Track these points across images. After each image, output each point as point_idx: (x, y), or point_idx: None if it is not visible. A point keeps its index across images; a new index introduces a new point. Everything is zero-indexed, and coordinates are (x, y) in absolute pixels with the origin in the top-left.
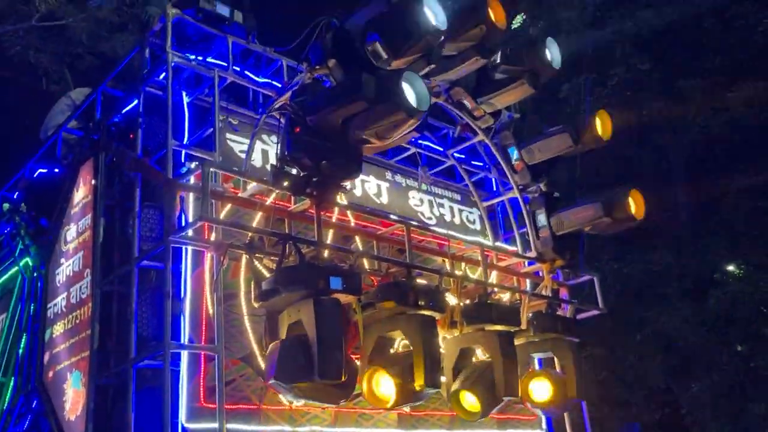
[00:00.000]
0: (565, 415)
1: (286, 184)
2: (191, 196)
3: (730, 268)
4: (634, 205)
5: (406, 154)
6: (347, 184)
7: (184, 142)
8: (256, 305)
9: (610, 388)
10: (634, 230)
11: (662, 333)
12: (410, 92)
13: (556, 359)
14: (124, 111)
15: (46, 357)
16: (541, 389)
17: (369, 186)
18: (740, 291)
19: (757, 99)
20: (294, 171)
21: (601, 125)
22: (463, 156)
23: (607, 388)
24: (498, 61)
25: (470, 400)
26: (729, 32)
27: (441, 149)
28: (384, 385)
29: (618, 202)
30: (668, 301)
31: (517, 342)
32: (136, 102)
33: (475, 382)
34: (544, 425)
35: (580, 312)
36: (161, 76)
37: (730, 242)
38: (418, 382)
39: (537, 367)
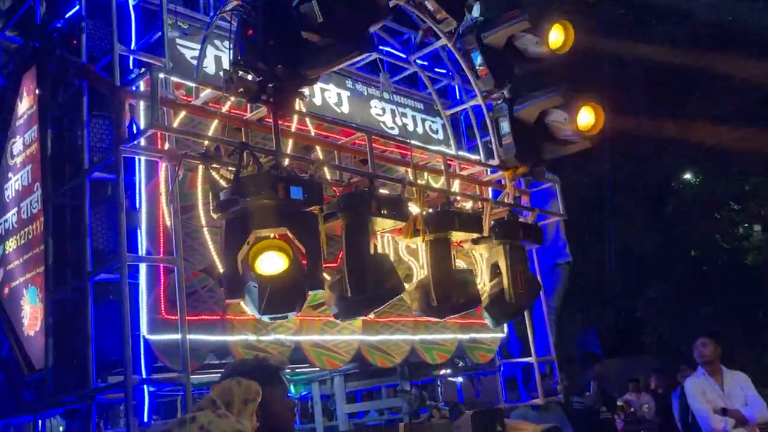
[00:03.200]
0: (526, 318)
1: (240, 90)
2: (142, 105)
3: (687, 176)
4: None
5: (366, 61)
6: (305, 90)
7: (132, 48)
8: (215, 216)
9: (569, 296)
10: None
11: (620, 241)
12: None
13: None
14: (66, 16)
15: (0, 274)
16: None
17: (329, 95)
18: (695, 198)
19: (722, 5)
20: (249, 77)
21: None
22: (425, 63)
23: (566, 296)
24: None
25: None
26: None
27: (403, 56)
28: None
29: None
30: (627, 211)
31: (479, 248)
32: (78, 6)
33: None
34: (506, 328)
35: (541, 219)
36: None
37: (687, 151)
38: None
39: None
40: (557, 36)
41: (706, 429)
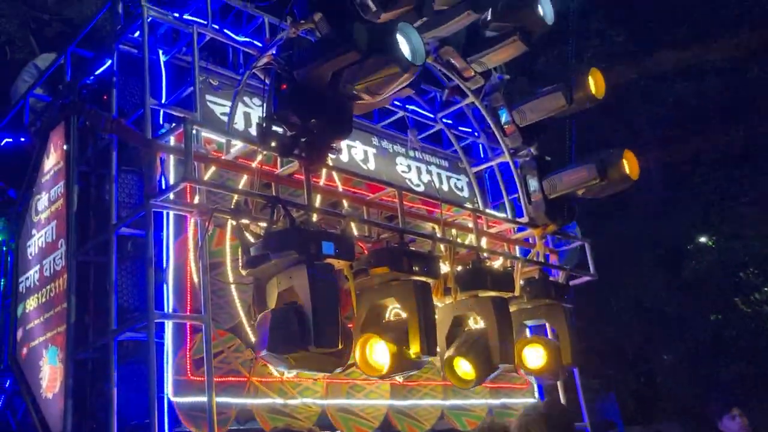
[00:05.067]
0: (558, 382)
1: (273, 144)
2: (172, 160)
3: (702, 239)
4: (629, 165)
5: (392, 119)
6: (337, 145)
7: (162, 102)
8: (243, 273)
9: (587, 359)
10: (608, 200)
11: (637, 302)
12: (405, 45)
13: (549, 326)
14: (96, 73)
15: (19, 334)
16: (535, 356)
17: (355, 151)
18: (713, 261)
19: (726, 65)
20: (281, 131)
21: (594, 83)
22: (450, 121)
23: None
24: (489, 17)
25: (465, 368)
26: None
27: (431, 115)
28: (378, 352)
29: (612, 162)
30: (643, 271)
31: (510, 309)
32: (109, 62)
33: (469, 349)
34: (536, 393)
35: (572, 278)
36: (136, 34)
37: (701, 213)
38: (414, 350)
39: (529, 334)
40: (594, 82)
41: None
